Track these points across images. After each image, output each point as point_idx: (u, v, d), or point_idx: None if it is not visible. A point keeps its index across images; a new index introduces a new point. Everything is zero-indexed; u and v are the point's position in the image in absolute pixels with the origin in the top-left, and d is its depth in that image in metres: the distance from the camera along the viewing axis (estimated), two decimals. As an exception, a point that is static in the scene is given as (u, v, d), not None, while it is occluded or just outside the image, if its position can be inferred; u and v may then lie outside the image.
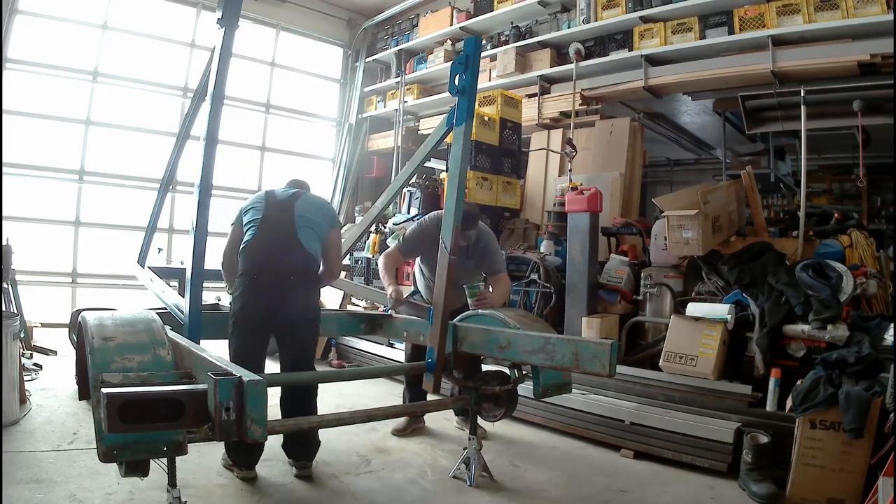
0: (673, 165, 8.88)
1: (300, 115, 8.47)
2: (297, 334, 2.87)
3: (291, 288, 2.77)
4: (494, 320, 2.79)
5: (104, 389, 1.51)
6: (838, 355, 2.94)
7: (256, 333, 2.80)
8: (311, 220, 2.91)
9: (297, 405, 2.76)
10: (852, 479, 2.61)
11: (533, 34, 6.63)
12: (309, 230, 2.88)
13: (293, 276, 2.78)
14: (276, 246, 2.79)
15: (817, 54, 4.67)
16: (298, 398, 2.80)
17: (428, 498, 2.76)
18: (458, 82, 2.72)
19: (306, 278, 2.86)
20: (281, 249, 2.79)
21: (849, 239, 3.98)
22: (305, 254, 2.83)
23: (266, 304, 2.74)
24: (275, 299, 2.74)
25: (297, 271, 2.80)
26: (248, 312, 2.76)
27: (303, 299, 2.82)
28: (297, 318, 2.81)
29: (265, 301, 2.74)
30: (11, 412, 3.28)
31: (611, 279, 4.54)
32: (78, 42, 6.62)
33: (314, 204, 3.01)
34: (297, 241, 2.82)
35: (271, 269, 2.76)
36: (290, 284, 2.77)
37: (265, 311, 2.76)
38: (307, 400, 2.84)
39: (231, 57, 2.45)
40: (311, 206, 2.97)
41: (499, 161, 5.79)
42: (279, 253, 2.78)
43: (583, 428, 3.62)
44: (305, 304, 2.84)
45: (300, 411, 2.69)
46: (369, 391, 4.55)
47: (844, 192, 7.62)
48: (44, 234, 6.61)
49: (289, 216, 2.86)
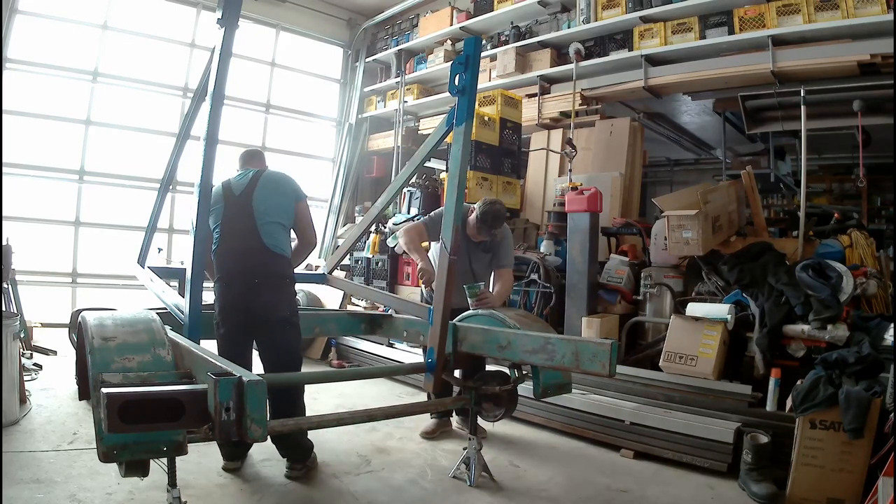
0: (673, 165, 8.88)
1: (300, 115, 8.47)
2: (272, 336, 2.84)
3: (258, 290, 2.75)
4: (494, 320, 2.79)
5: (104, 389, 1.50)
6: (838, 355, 2.93)
7: (235, 338, 2.82)
8: (273, 208, 2.86)
9: (279, 409, 2.69)
10: (852, 479, 2.61)
11: (533, 34, 6.63)
12: (271, 225, 2.84)
13: (258, 278, 2.77)
14: (240, 249, 2.79)
15: (817, 54, 4.66)
16: (282, 402, 2.73)
17: (428, 498, 2.76)
18: (458, 82, 2.71)
19: (273, 278, 2.82)
20: (244, 253, 2.78)
21: (849, 239, 3.98)
22: (270, 254, 2.81)
23: (238, 309, 2.77)
24: (244, 303, 2.75)
25: (262, 273, 2.79)
26: (223, 318, 2.81)
27: (272, 300, 2.79)
28: (268, 320, 2.79)
29: (236, 305, 2.78)
30: (11, 412, 3.28)
31: (611, 279, 4.54)
32: (78, 42, 6.62)
33: (273, 185, 2.94)
34: (260, 241, 2.80)
35: (238, 273, 2.77)
36: (256, 287, 2.76)
37: (238, 315, 2.78)
38: (290, 403, 2.78)
39: (231, 57, 2.44)
40: (270, 190, 2.90)
41: (499, 161, 5.79)
42: (243, 256, 2.78)
43: (583, 428, 3.62)
44: (275, 304, 2.81)
45: (284, 414, 2.64)
46: (369, 391, 4.55)
47: (844, 192, 7.63)
48: (44, 234, 6.60)
49: (248, 213, 2.83)
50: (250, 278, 2.76)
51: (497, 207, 3.37)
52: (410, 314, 3.35)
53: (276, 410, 2.72)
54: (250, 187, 2.89)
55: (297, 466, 2.86)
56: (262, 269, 2.80)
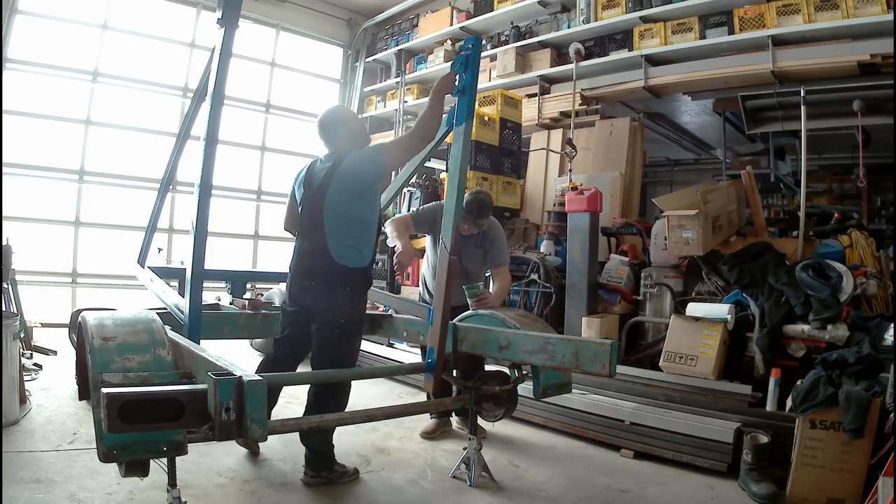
0: (673, 165, 8.88)
1: (300, 115, 8.47)
2: (320, 340, 2.76)
3: (316, 293, 2.72)
4: (494, 320, 2.79)
5: (104, 389, 1.50)
6: (838, 355, 2.93)
7: (290, 333, 2.88)
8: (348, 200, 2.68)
9: (318, 405, 2.72)
10: (852, 479, 2.61)
11: (533, 34, 6.64)
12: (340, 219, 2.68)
13: (315, 280, 2.73)
14: (307, 249, 2.77)
15: (817, 54, 4.67)
16: (322, 397, 2.75)
17: (428, 498, 2.76)
18: (458, 82, 2.72)
19: (333, 282, 2.70)
20: (310, 253, 2.75)
21: (849, 239, 3.98)
22: (331, 261, 2.68)
23: (295, 308, 2.83)
24: (302, 304, 2.79)
25: (321, 275, 2.71)
26: (284, 313, 2.92)
27: (326, 304, 2.70)
28: (321, 323, 2.74)
29: (295, 305, 2.84)
30: (11, 412, 3.28)
31: (611, 279, 4.54)
32: (78, 42, 6.63)
33: (355, 170, 2.71)
34: (325, 244, 2.69)
35: (301, 274, 2.79)
36: (313, 289, 2.73)
37: (294, 315, 2.85)
38: (330, 400, 2.74)
39: (231, 57, 2.45)
40: (350, 177, 2.70)
41: (499, 161, 5.79)
42: (308, 257, 2.76)
43: (583, 428, 3.62)
44: (329, 310, 2.71)
45: (322, 410, 2.65)
46: (369, 391, 4.54)
47: (844, 192, 7.62)
48: (44, 234, 6.61)
49: (319, 207, 2.71)
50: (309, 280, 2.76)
51: (482, 197, 3.41)
52: (410, 314, 3.35)
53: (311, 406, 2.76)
54: (330, 174, 2.73)
55: (306, 470, 2.81)
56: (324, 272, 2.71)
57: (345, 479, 2.81)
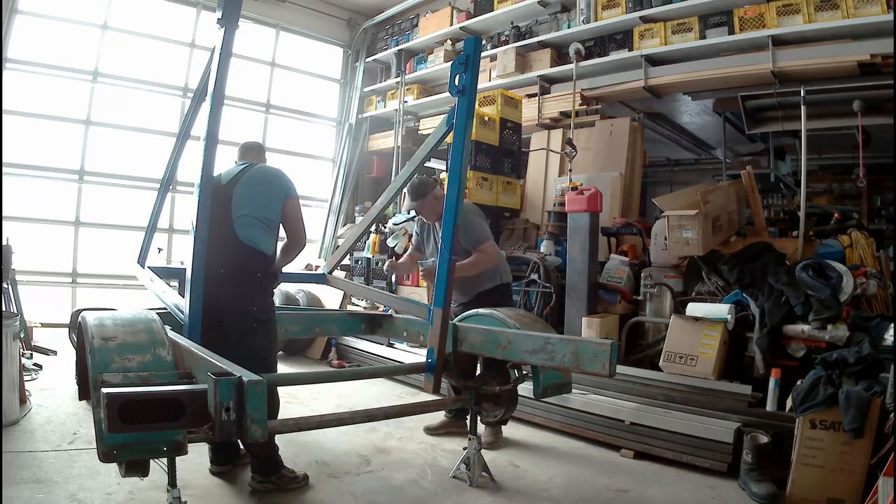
0: (673, 165, 8.88)
1: (300, 116, 8.47)
2: (235, 333, 2.66)
3: (224, 285, 2.61)
4: (494, 320, 2.79)
5: (104, 389, 1.50)
6: (838, 355, 2.93)
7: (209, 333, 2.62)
8: (253, 203, 2.73)
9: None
10: (852, 479, 2.61)
11: (533, 34, 6.63)
12: (248, 219, 2.71)
13: (223, 269, 2.62)
14: (215, 241, 2.60)
15: (817, 54, 4.67)
16: None
17: (428, 498, 2.76)
18: (458, 82, 2.71)
19: (242, 273, 2.67)
20: (218, 245, 2.62)
21: (849, 239, 3.98)
22: (244, 248, 2.68)
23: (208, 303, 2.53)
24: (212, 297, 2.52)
25: (231, 266, 2.66)
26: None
27: (237, 294, 2.65)
28: (231, 315, 2.65)
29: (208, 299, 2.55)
30: (11, 412, 3.28)
31: (611, 279, 4.54)
32: (78, 42, 6.63)
33: (260, 181, 2.80)
34: (234, 234, 2.68)
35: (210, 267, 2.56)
36: (222, 281, 2.60)
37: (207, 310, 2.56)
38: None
39: (231, 57, 2.44)
40: (254, 186, 2.77)
41: (499, 161, 5.79)
42: (215, 249, 2.59)
43: (583, 428, 3.62)
44: (240, 299, 2.66)
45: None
46: (369, 391, 4.55)
47: (844, 192, 7.61)
48: (44, 234, 6.61)
49: (226, 205, 2.70)
50: (217, 269, 2.59)
51: (418, 178, 3.49)
52: (410, 314, 3.35)
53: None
54: (235, 181, 2.77)
55: (255, 476, 2.71)
56: (234, 263, 2.67)
57: (293, 486, 2.72)
